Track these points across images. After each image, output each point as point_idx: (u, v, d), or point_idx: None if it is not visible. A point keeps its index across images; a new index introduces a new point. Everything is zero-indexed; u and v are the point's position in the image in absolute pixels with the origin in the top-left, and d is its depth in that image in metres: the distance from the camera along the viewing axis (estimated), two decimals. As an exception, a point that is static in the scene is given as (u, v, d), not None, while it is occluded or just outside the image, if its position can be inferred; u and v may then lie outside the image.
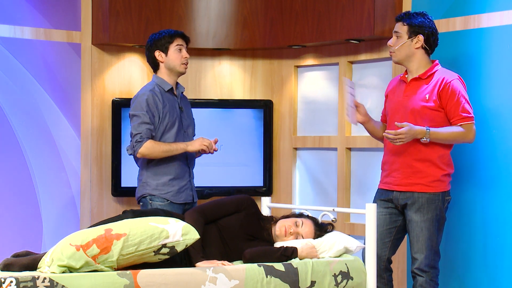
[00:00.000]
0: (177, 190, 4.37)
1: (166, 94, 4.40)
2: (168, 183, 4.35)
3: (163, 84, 4.41)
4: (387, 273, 4.22)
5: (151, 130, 4.28)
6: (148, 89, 4.36)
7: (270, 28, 5.38)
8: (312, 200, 5.51)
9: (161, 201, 4.34)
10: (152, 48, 4.42)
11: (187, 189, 4.42)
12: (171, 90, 4.43)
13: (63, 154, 5.15)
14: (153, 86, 4.39)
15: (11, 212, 4.96)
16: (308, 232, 3.89)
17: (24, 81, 5.01)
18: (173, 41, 4.40)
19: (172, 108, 4.39)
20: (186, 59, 4.43)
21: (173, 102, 4.42)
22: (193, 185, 4.49)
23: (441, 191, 4.07)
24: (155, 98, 4.31)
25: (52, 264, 3.21)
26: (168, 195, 4.35)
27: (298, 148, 5.60)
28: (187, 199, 4.41)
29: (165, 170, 4.36)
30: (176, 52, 4.40)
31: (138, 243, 3.31)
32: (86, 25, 5.25)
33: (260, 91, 5.65)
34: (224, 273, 3.42)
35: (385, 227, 4.17)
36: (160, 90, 4.38)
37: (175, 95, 4.45)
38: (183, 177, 4.41)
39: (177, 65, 4.42)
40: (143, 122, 4.27)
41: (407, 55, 4.12)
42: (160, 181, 4.35)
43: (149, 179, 4.36)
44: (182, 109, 4.46)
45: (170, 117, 4.36)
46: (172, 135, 4.36)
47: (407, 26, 4.10)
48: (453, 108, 4.01)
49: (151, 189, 4.35)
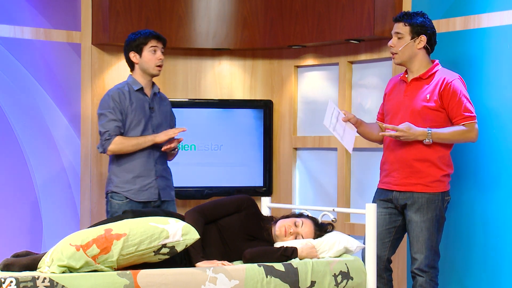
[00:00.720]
0: (138, 188, 4.37)
1: (136, 93, 4.42)
2: (131, 180, 4.37)
3: (134, 83, 4.43)
4: (387, 273, 4.22)
5: (119, 127, 4.33)
6: (116, 88, 4.42)
7: (270, 28, 5.38)
8: (312, 200, 5.51)
9: (119, 199, 4.36)
10: (127, 48, 4.44)
11: (151, 187, 4.40)
12: (141, 90, 4.43)
13: (62, 153, 5.15)
14: (123, 85, 4.44)
15: (11, 212, 4.96)
16: (308, 232, 3.89)
17: (24, 81, 5.01)
18: (147, 42, 4.40)
19: (139, 107, 4.40)
20: (161, 60, 4.41)
21: (142, 102, 4.42)
22: (161, 184, 4.44)
23: (440, 191, 4.07)
24: (120, 96, 4.36)
25: (52, 264, 3.21)
26: (129, 193, 4.36)
27: (298, 148, 5.60)
28: (151, 197, 4.39)
29: (129, 166, 4.37)
30: (150, 53, 4.40)
31: (138, 243, 3.31)
32: (86, 25, 5.26)
33: (260, 91, 5.65)
34: (224, 273, 3.42)
35: (384, 227, 4.17)
36: (129, 89, 4.41)
37: (146, 94, 4.45)
38: (147, 175, 4.39)
39: (150, 67, 4.42)
40: (111, 120, 4.32)
41: (410, 56, 4.12)
42: (123, 179, 4.37)
43: (113, 176, 4.40)
44: (153, 109, 4.45)
45: (135, 116, 4.37)
46: (137, 134, 4.39)
47: (409, 26, 4.09)
48: (455, 108, 4.01)
49: (113, 186, 4.38)
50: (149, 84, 4.48)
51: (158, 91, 4.52)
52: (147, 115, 4.42)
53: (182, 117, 5.45)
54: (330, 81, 5.42)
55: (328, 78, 5.44)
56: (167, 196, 4.47)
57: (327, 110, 4.27)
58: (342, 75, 5.27)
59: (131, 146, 4.33)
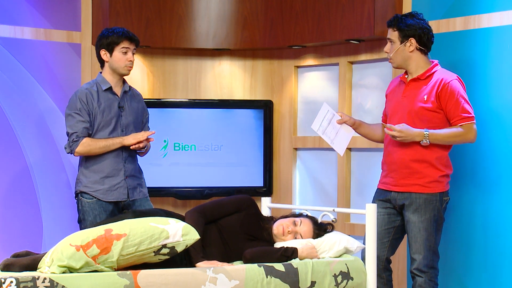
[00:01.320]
0: (107, 188, 4.34)
1: (104, 93, 4.36)
2: (99, 181, 4.34)
3: (103, 82, 4.38)
4: (386, 273, 4.22)
5: (87, 128, 4.29)
6: (84, 88, 4.36)
7: (270, 28, 5.38)
8: (312, 200, 5.51)
9: (89, 198, 4.33)
10: (98, 45, 4.38)
11: (121, 187, 4.36)
12: (109, 89, 4.39)
13: (63, 154, 5.15)
14: (92, 84, 4.39)
15: (11, 212, 4.96)
16: (306, 231, 3.88)
17: (24, 81, 5.01)
18: (119, 42, 4.34)
19: (108, 107, 4.36)
20: (131, 62, 4.36)
21: (111, 101, 4.37)
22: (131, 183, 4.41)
23: (438, 192, 4.07)
24: (88, 97, 4.31)
25: (52, 264, 3.21)
26: (98, 193, 4.33)
27: (298, 148, 5.60)
28: (120, 197, 4.36)
29: (97, 167, 4.34)
30: (121, 54, 4.34)
31: (138, 243, 3.31)
32: (86, 26, 5.26)
33: (260, 91, 5.65)
34: (224, 274, 3.42)
35: (383, 227, 4.17)
36: (97, 89, 4.36)
37: (115, 93, 4.41)
38: (116, 175, 4.36)
39: (119, 67, 4.36)
40: (79, 121, 4.28)
41: (403, 59, 4.13)
42: (91, 179, 4.34)
43: (82, 176, 4.37)
44: (123, 108, 4.41)
45: (104, 116, 4.33)
46: (105, 134, 4.35)
47: (397, 31, 4.10)
48: (453, 109, 4.01)
49: (82, 186, 4.35)
50: (119, 83, 4.41)
51: (128, 88, 4.45)
52: (117, 115, 4.37)
53: (182, 117, 5.46)
54: (330, 81, 5.42)
55: (328, 78, 5.44)
56: (138, 194, 4.43)
57: (319, 112, 4.27)
58: (342, 75, 5.27)
59: (98, 148, 4.29)
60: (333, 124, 4.24)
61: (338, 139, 4.26)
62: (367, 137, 4.40)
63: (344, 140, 4.25)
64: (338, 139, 4.26)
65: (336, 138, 4.25)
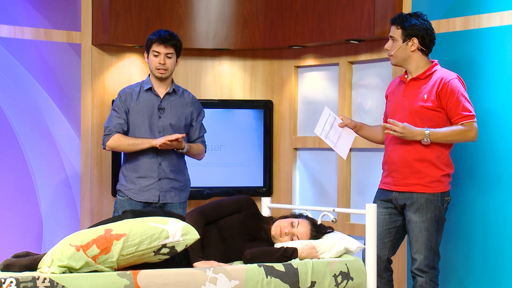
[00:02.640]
0: (139, 188, 4.44)
1: (145, 93, 4.48)
2: (134, 180, 4.46)
3: (147, 83, 4.53)
4: (387, 273, 4.22)
5: (121, 125, 4.43)
6: (129, 86, 4.55)
7: (270, 28, 5.38)
8: (312, 200, 5.51)
9: (122, 195, 4.47)
10: (145, 47, 4.55)
11: (153, 189, 4.45)
12: (150, 89, 4.49)
13: (63, 154, 5.15)
14: (138, 84, 4.56)
15: (11, 213, 4.96)
16: (303, 233, 3.87)
17: (24, 81, 5.01)
18: (151, 46, 4.48)
19: (146, 107, 4.46)
20: (161, 65, 4.46)
21: (151, 102, 4.48)
22: (165, 186, 4.47)
23: (440, 192, 4.07)
24: (127, 95, 4.46)
25: (52, 265, 3.21)
26: (130, 192, 4.46)
27: (298, 149, 5.60)
28: (150, 198, 4.45)
29: (133, 167, 4.46)
30: (153, 57, 4.48)
31: (138, 243, 3.31)
32: (86, 26, 5.25)
33: (260, 92, 5.65)
34: (224, 274, 3.42)
35: (384, 227, 4.17)
36: (140, 89, 4.50)
37: (157, 95, 4.48)
38: (150, 176, 4.45)
39: (152, 69, 4.51)
40: (114, 117, 4.44)
41: (404, 58, 4.13)
42: (127, 178, 4.47)
43: (121, 174, 4.53)
44: (164, 110, 4.47)
45: (140, 116, 4.43)
46: (140, 134, 4.45)
47: (401, 29, 4.10)
48: (453, 108, 4.01)
49: (119, 184, 4.52)
50: (163, 84, 4.52)
51: (172, 90, 4.54)
52: (155, 116, 4.44)
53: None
54: (330, 81, 5.42)
55: (328, 78, 5.44)
56: (171, 198, 4.49)
57: (321, 116, 4.28)
58: (342, 76, 5.27)
59: (127, 145, 4.42)
60: (335, 127, 4.26)
61: (340, 142, 4.27)
62: (369, 139, 4.41)
63: (347, 143, 4.27)
64: (340, 143, 4.27)
65: (339, 141, 4.27)
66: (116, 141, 4.41)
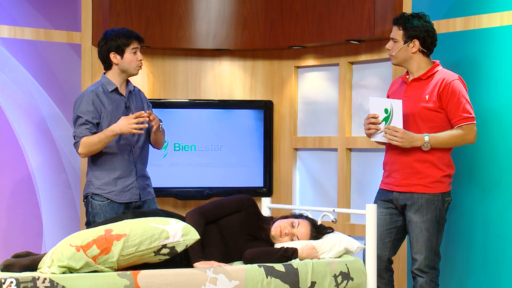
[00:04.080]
0: (120, 189, 4.32)
1: (111, 94, 4.34)
2: (112, 182, 4.32)
3: (108, 84, 4.35)
4: (387, 273, 4.22)
5: (88, 129, 4.24)
6: (90, 90, 4.33)
7: (270, 28, 5.38)
8: (312, 200, 5.51)
9: (101, 200, 4.31)
10: (106, 48, 4.33)
11: (133, 188, 4.35)
12: (115, 90, 4.37)
13: (63, 154, 5.15)
14: (97, 86, 4.36)
15: (11, 213, 4.96)
16: (303, 233, 3.87)
17: (24, 81, 5.01)
18: (129, 43, 4.32)
19: (116, 108, 4.33)
20: (141, 61, 4.36)
21: (118, 102, 4.36)
22: (142, 183, 4.39)
23: (440, 192, 4.06)
24: (94, 99, 4.28)
25: (52, 265, 3.21)
26: (110, 194, 4.30)
27: (298, 149, 5.60)
28: (132, 198, 4.34)
29: (108, 169, 4.32)
30: (132, 55, 4.33)
31: (138, 243, 3.31)
32: (87, 26, 5.26)
33: (261, 92, 5.65)
34: (225, 274, 3.42)
35: (385, 227, 4.17)
36: (104, 90, 4.34)
37: (121, 94, 4.39)
38: (128, 176, 4.34)
39: (131, 67, 4.35)
40: (81, 123, 4.25)
41: (405, 59, 4.12)
42: (103, 180, 4.31)
43: (93, 178, 4.34)
44: (130, 108, 4.39)
45: (113, 117, 4.30)
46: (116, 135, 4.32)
47: (402, 30, 4.10)
48: (454, 109, 4.01)
49: (94, 188, 4.32)
50: (124, 83, 4.40)
51: (133, 88, 4.45)
52: (124, 115, 4.32)
53: (182, 117, 5.46)
54: (331, 81, 5.42)
55: (329, 78, 5.44)
56: (147, 195, 4.43)
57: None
58: (342, 76, 5.27)
59: (94, 144, 4.21)
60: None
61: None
62: None
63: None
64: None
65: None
66: (85, 146, 4.21)
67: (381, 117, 4.06)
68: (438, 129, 4.03)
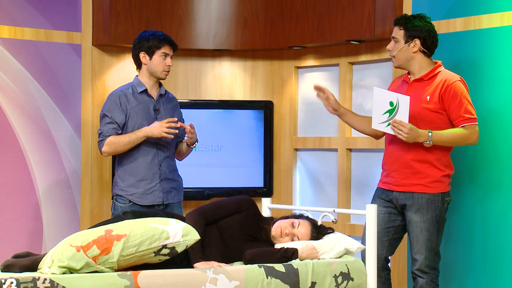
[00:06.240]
0: (142, 192, 4.35)
1: (139, 95, 4.39)
2: (135, 184, 4.35)
3: (138, 85, 4.41)
4: (384, 272, 4.22)
5: (114, 129, 4.30)
6: (119, 89, 4.41)
7: (271, 29, 5.38)
8: (312, 201, 5.51)
9: (123, 202, 4.35)
10: (138, 47, 4.39)
11: (156, 191, 4.37)
12: (145, 92, 4.41)
13: (63, 154, 5.15)
14: (127, 86, 4.42)
15: (12, 213, 4.96)
16: (304, 233, 3.87)
17: (24, 81, 5.01)
18: (161, 47, 4.36)
19: (143, 109, 4.37)
20: (169, 67, 4.40)
21: (147, 104, 4.39)
22: (166, 186, 4.42)
23: (440, 192, 4.07)
24: (122, 98, 4.34)
25: (52, 265, 3.21)
26: (133, 196, 4.34)
27: (298, 149, 5.60)
28: (155, 201, 4.37)
29: (132, 171, 4.36)
30: (161, 58, 4.37)
31: (138, 244, 3.31)
32: (87, 26, 5.26)
33: (261, 92, 5.65)
34: (225, 274, 3.42)
35: (383, 226, 4.17)
36: (132, 91, 4.39)
37: (151, 96, 4.42)
38: (151, 179, 4.37)
39: (158, 71, 4.39)
40: (108, 122, 4.31)
41: (406, 59, 4.13)
42: (127, 182, 4.35)
43: (118, 179, 4.40)
44: (159, 111, 4.42)
45: (137, 118, 4.34)
46: None
47: (403, 30, 4.10)
48: (456, 110, 4.01)
49: (118, 190, 4.38)
50: (155, 86, 4.45)
51: (164, 92, 4.49)
52: (151, 117, 4.39)
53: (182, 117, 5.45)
54: (331, 82, 5.42)
55: (329, 79, 5.44)
56: (172, 198, 4.45)
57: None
58: (342, 76, 5.27)
59: (123, 145, 4.29)
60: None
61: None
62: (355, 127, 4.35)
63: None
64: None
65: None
66: (111, 145, 4.28)
67: (384, 109, 4.03)
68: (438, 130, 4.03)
